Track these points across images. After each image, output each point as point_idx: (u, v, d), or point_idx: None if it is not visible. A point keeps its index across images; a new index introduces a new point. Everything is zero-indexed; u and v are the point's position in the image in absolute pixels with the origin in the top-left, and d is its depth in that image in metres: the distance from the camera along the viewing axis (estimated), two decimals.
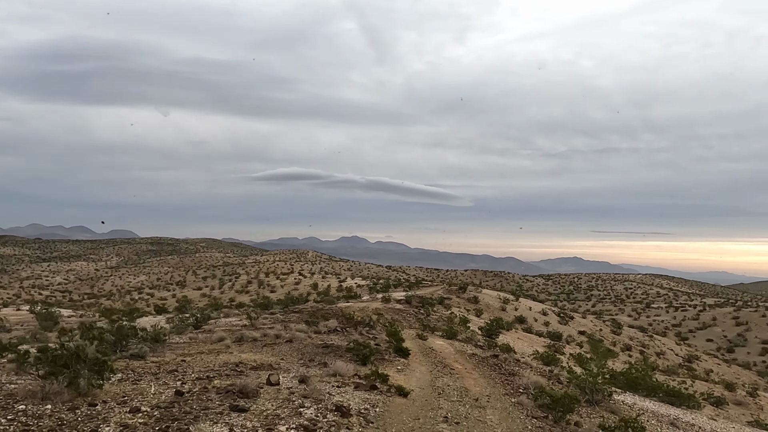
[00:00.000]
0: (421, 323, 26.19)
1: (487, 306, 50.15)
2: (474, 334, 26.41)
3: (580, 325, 53.37)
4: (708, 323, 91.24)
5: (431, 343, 18.28)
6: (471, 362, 14.50)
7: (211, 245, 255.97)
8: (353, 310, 31.62)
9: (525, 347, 31.71)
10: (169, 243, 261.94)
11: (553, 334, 40.68)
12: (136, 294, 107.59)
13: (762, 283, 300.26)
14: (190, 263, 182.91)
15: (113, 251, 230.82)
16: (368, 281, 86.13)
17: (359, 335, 16.43)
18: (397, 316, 30.56)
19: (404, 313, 32.74)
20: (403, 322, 28.50)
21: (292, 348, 13.25)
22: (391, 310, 34.56)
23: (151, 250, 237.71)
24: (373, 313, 31.55)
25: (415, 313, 33.56)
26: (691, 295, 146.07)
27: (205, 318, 23.66)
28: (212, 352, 11.95)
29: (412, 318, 30.62)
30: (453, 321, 31.57)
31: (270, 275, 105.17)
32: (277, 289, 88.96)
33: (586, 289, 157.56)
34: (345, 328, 17.66)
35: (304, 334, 15.61)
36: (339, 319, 22.59)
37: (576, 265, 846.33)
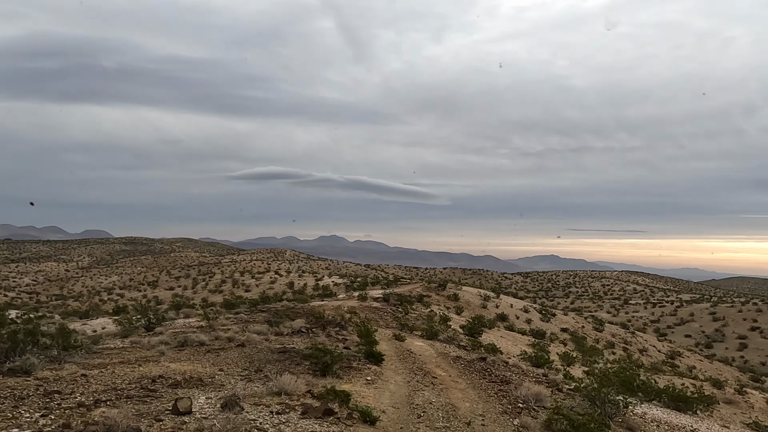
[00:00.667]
0: (399, 322, 23.95)
1: (468, 303, 48.15)
2: (456, 333, 24.29)
3: (562, 323, 51.74)
4: (686, 319, 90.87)
5: (410, 345, 16.08)
6: (456, 367, 12.32)
7: (187, 245, 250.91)
8: (326, 309, 29.28)
9: (510, 346, 29.75)
10: (143, 243, 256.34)
11: (536, 332, 38.82)
12: (106, 295, 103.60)
13: (733, 279, 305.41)
14: (164, 263, 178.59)
15: (85, 251, 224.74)
16: (346, 279, 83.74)
17: (326, 337, 14.17)
18: (373, 315, 28.30)
19: (381, 312, 30.50)
20: (379, 321, 26.26)
21: (241, 354, 10.93)
22: (367, 308, 32.27)
23: (124, 250, 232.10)
24: (347, 312, 29.24)
25: (392, 311, 31.33)
26: (667, 292, 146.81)
27: (159, 319, 21.08)
28: (138, 361, 9.58)
29: (390, 317, 28.38)
30: (433, 319, 29.45)
31: (245, 274, 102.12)
32: (252, 289, 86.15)
33: (564, 286, 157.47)
34: (311, 329, 15.36)
35: (262, 337, 13.30)
36: (308, 318, 20.25)
37: (553, 263, 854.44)
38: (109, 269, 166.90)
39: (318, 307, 32.54)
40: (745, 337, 79.36)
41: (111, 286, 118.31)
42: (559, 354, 30.08)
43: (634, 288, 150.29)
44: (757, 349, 76.29)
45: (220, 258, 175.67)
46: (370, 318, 26.77)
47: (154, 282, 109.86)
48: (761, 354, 74.78)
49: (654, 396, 15.50)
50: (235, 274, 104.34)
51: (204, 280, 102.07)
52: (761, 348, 76.64)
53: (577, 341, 42.27)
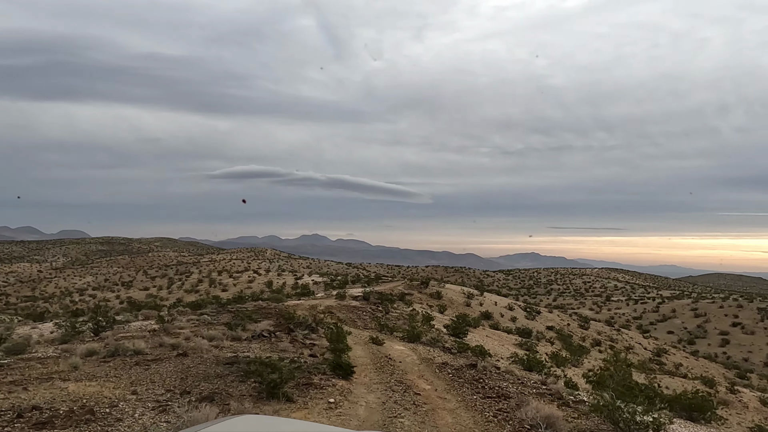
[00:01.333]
0: (378, 323, 21.86)
1: (451, 301, 46.27)
2: (440, 333, 22.32)
3: (547, 320, 50.17)
4: (668, 315, 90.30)
5: (389, 349, 14.03)
6: (442, 377, 10.28)
7: (166, 245, 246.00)
8: (300, 309, 27.10)
9: (497, 347, 27.90)
10: (120, 243, 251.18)
11: (522, 331, 37.04)
12: (78, 296, 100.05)
13: (710, 276, 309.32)
14: (141, 263, 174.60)
15: (60, 252, 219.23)
16: (326, 278, 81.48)
17: (291, 342, 12.05)
18: (350, 315, 26.20)
19: (360, 311, 28.40)
20: (357, 321, 24.17)
21: (177, 367, 8.79)
22: (345, 308, 30.14)
23: (101, 250, 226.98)
24: (323, 311, 27.10)
25: (372, 311, 29.23)
26: (647, 288, 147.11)
27: (110, 322, 18.71)
28: (39, 378, 7.40)
29: (368, 317, 26.29)
30: (415, 319, 27.43)
31: (223, 273, 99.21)
32: (230, 288, 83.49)
33: (546, 283, 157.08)
34: (274, 333, 13.20)
35: (213, 344, 11.16)
36: (277, 319, 18.07)
37: (534, 261, 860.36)
38: (84, 270, 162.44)
39: (292, 306, 30.34)
40: (727, 333, 78.88)
41: (85, 287, 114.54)
42: (549, 354, 28.34)
43: (615, 285, 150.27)
44: (739, 345, 75.80)
45: (199, 257, 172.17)
46: (347, 318, 24.69)
47: (128, 282, 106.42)
48: (743, 350, 74.27)
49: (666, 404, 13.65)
50: (212, 273, 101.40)
51: (180, 279, 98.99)
52: (743, 344, 76.17)
53: (564, 340, 40.66)
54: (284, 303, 32.43)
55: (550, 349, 32.83)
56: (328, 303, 32.83)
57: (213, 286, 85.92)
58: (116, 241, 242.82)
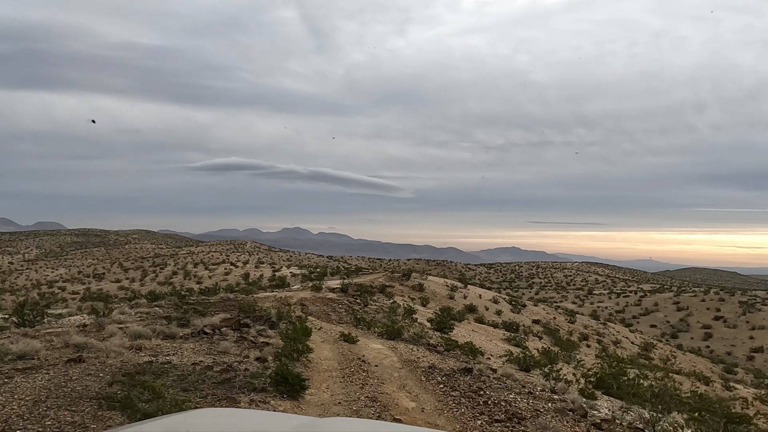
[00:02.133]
0: (354, 316, 19.23)
1: (434, 294, 43.81)
2: (423, 328, 19.82)
3: (533, 314, 48.01)
4: (650, 309, 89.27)
5: (363, 348, 11.44)
6: (431, 389, 7.68)
7: (144, 237, 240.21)
8: (269, 302, 24.38)
9: (484, 342, 25.51)
10: (96, 234, 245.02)
11: (509, 325, 34.69)
12: (47, 288, 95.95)
13: (686, 270, 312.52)
14: (117, 255, 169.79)
15: (34, 243, 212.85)
16: (304, 270, 78.61)
17: (236, 341, 9.36)
18: (324, 308, 23.53)
19: (335, 304, 25.73)
20: (331, 315, 21.50)
21: (51, 382, 6.08)
22: (320, 300, 27.47)
23: (76, 242, 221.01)
24: (294, 304, 24.41)
25: (349, 303, 26.58)
26: (628, 282, 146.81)
27: (40, 315, 15.79)
28: None
29: (344, 310, 23.65)
30: (396, 312, 24.86)
31: (199, 266, 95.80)
32: (204, 280, 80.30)
33: (528, 277, 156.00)
34: (219, 329, 10.47)
35: (133, 343, 8.48)
36: (236, 312, 15.35)
37: (514, 255, 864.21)
38: (57, 261, 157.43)
39: (261, 299, 27.58)
40: (710, 327, 77.96)
41: (56, 279, 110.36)
42: (539, 350, 26.05)
43: (596, 279, 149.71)
44: (721, 339, 74.89)
45: (177, 250, 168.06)
46: (320, 311, 22.03)
47: (101, 274, 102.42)
48: (726, 343, 73.36)
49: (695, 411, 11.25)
50: (188, 265, 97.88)
51: (155, 272, 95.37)
52: (725, 337, 75.29)
53: (551, 334, 38.50)
54: (254, 295, 29.65)
55: (539, 345, 30.61)
56: (303, 295, 30.12)
57: (187, 279, 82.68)
58: (92, 233, 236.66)
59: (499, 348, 24.91)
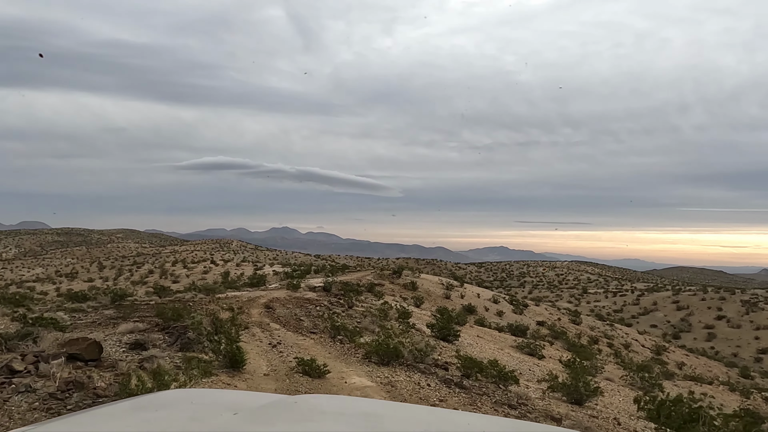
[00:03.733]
0: (332, 323, 14.29)
1: (428, 293, 39.09)
2: (423, 338, 15.04)
3: (536, 315, 43.44)
4: (649, 308, 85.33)
5: (338, 386, 6.61)
6: None
7: (129, 236, 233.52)
8: (226, 303, 19.45)
9: (494, 350, 20.81)
10: (79, 234, 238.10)
11: (515, 328, 30.02)
12: (15, 288, 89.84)
13: (673, 269, 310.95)
14: (98, 254, 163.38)
15: (13, 243, 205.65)
16: (288, 268, 73.44)
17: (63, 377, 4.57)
18: (296, 311, 18.59)
19: (313, 305, 20.83)
20: (303, 320, 16.57)
21: None
22: (294, 300, 22.57)
23: (57, 241, 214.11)
24: (264, 305, 19.52)
25: (329, 304, 21.68)
26: (621, 281, 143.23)
27: None
28: None
29: (323, 313, 18.73)
30: (387, 315, 20.04)
31: (177, 264, 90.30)
32: (182, 279, 74.87)
33: (519, 275, 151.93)
34: (46, 360, 5.58)
35: None
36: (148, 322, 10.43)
37: (502, 254, 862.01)
38: (36, 261, 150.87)
39: (226, 299, 22.65)
40: (712, 327, 74.03)
41: (34, 279, 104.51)
42: (562, 361, 21.42)
43: (588, 277, 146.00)
44: (725, 339, 70.97)
45: (161, 249, 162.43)
46: (287, 317, 17.07)
47: (73, 273, 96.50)
48: (731, 344, 69.43)
49: None
50: (165, 264, 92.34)
51: (130, 270, 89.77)
52: (729, 338, 71.38)
53: (560, 337, 33.91)
54: (217, 295, 24.67)
55: (554, 352, 25.99)
56: (276, 295, 25.19)
57: (164, 278, 77.22)
58: (75, 232, 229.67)
59: (515, 359, 20.17)
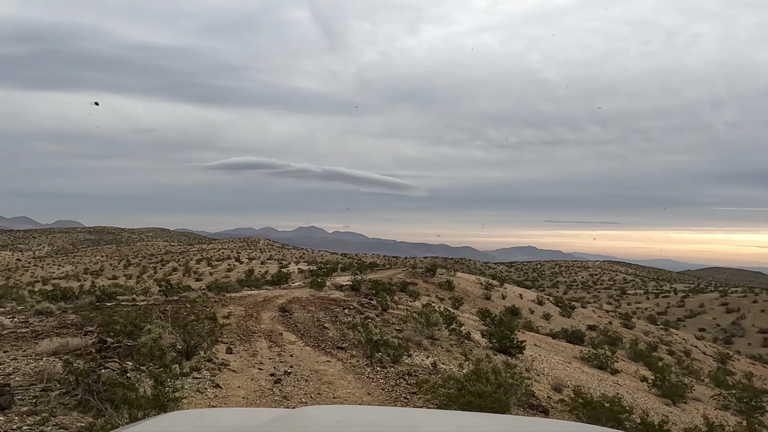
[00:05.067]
0: (366, 333, 10.56)
1: (466, 293, 35.20)
2: (487, 355, 11.32)
3: (585, 318, 39.12)
4: (696, 311, 79.48)
5: None
6: None
7: (159, 235, 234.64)
8: (239, 304, 16.01)
9: (560, 365, 16.90)
10: (110, 232, 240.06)
11: (572, 335, 25.94)
12: (41, 285, 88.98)
13: (708, 270, 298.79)
14: (127, 252, 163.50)
15: (47, 241, 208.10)
16: (314, 266, 70.28)
17: None
18: (321, 315, 14.98)
19: (339, 307, 17.25)
20: (327, 328, 12.93)
21: None
22: (318, 301, 19.03)
23: (89, 239, 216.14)
24: (278, 308, 16.01)
25: (360, 306, 18.04)
26: (658, 281, 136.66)
27: None
28: None
29: (351, 317, 15.06)
30: (431, 320, 16.30)
31: (201, 262, 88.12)
32: (205, 277, 72.35)
33: (551, 276, 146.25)
34: None
35: None
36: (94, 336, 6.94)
37: (530, 254, 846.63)
38: (66, 259, 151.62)
39: (241, 298, 19.26)
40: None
41: (63, 276, 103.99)
42: (647, 381, 17.32)
43: (624, 278, 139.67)
44: None
45: (189, 247, 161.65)
46: (310, 323, 13.41)
47: (99, 271, 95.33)
48: None
49: None
50: (190, 262, 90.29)
51: (154, 268, 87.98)
52: None
53: (618, 345, 29.66)
54: (229, 294, 21.32)
55: (627, 365, 21.89)
56: (298, 294, 21.72)
57: (187, 276, 74.87)
58: (106, 231, 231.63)
59: (588, 376, 16.24)
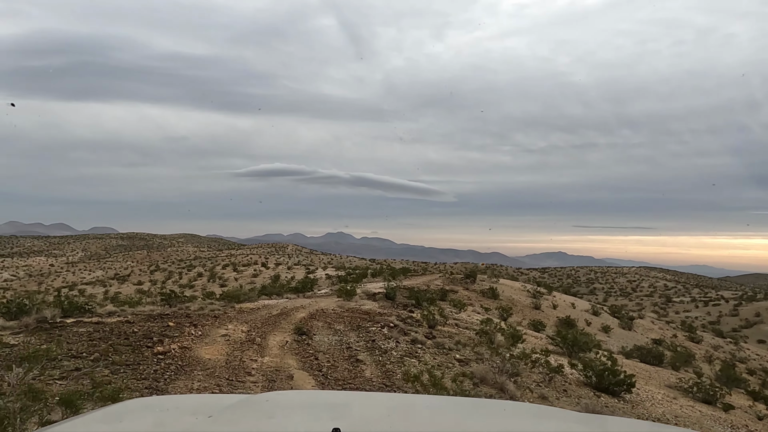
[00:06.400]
0: (426, 375, 6.63)
1: (512, 302, 30.93)
2: (580, 390, 7.33)
3: (646, 330, 34.36)
4: (752, 320, 73.00)
5: None
6: None
7: (189, 240, 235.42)
8: (255, 318, 12.26)
9: (665, 402, 12.69)
10: (142, 238, 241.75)
11: (648, 354, 21.48)
12: (67, 290, 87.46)
13: (749, 276, 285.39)
14: (157, 258, 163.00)
15: (80, 246, 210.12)
16: (342, 272, 66.64)
17: None
18: (350, 336, 11.12)
19: (374, 323, 13.40)
20: (363, 362, 9.11)
21: None
22: (348, 315, 15.22)
23: (121, 245, 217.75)
24: (295, 327, 12.22)
25: (400, 322, 14.10)
26: (703, 288, 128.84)
27: None
28: None
29: (392, 338, 11.15)
30: (494, 342, 12.28)
31: (227, 267, 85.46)
32: (230, 283, 69.45)
33: (587, 282, 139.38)
34: None
35: None
36: None
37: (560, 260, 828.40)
38: (98, 264, 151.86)
39: (252, 311, 15.59)
40: None
41: (92, 281, 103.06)
42: None
43: (665, 284, 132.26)
44: None
45: (218, 253, 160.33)
46: (336, 350, 9.51)
47: (124, 276, 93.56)
48: None
49: None
50: (216, 267, 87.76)
51: (180, 273, 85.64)
52: None
53: (693, 364, 25.00)
54: (239, 305, 17.65)
55: (739, 399, 17.43)
56: (323, 305, 17.94)
57: (211, 281, 72.13)
58: (138, 237, 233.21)
59: (704, 417, 12.04)
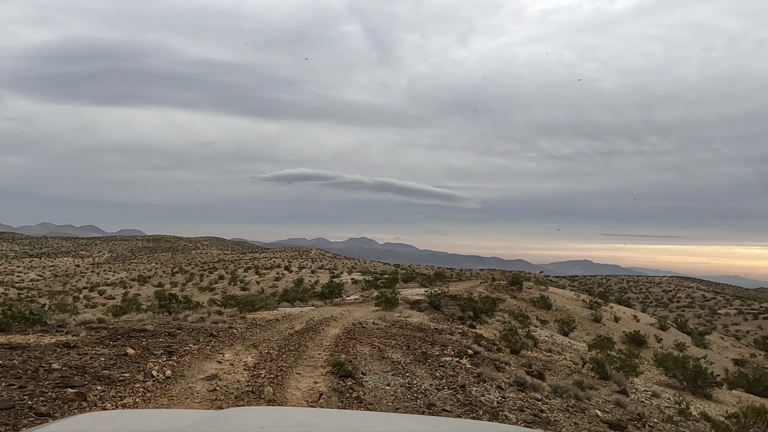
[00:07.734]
0: None
1: (568, 313, 26.83)
2: None
3: (721, 348, 29.85)
4: None
5: None
6: None
7: (214, 243, 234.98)
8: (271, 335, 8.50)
9: None
10: (167, 240, 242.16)
11: (754, 383, 17.31)
12: (88, 291, 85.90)
13: None
14: (181, 260, 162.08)
15: (107, 248, 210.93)
16: (368, 276, 62.96)
17: None
18: (417, 373, 7.49)
19: (434, 345, 9.72)
20: None
21: None
22: (397, 331, 11.53)
23: (147, 247, 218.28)
24: (330, 348, 8.59)
25: (473, 343, 10.35)
26: (744, 300, 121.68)
27: None
28: None
29: (471, 373, 7.43)
30: (607, 370, 8.45)
31: (249, 270, 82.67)
32: (252, 286, 66.56)
33: (619, 291, 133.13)
34: None
35: None
36: None
37: (586, 268, 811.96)
38: (122, 265, 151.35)
39: (268, 324, 12.04)
40: None
41: (116, 282, 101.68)
42: None
43: (703, 295, 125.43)
44: None
45: (241, 256, 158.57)
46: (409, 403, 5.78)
47: (145, 278, 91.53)
48: None
49: None
50: (237, 270, 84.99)
51: (201, 276, 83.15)
52: None
53: None
54: (253, 316, 14.07)
55: None
56: (359, 314, 14.27)
57: (232, 284, 69.22)
58: (164, 239, 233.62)
59: None
